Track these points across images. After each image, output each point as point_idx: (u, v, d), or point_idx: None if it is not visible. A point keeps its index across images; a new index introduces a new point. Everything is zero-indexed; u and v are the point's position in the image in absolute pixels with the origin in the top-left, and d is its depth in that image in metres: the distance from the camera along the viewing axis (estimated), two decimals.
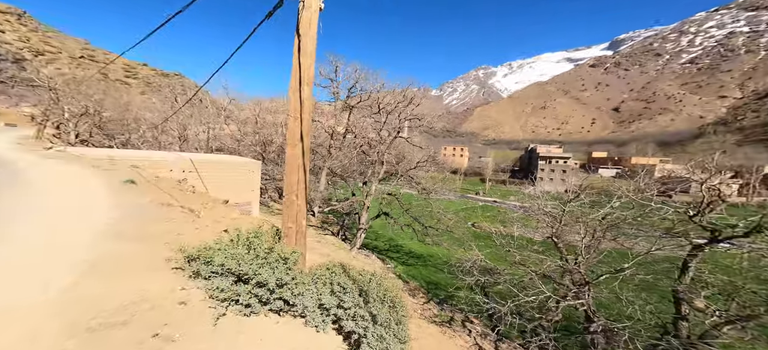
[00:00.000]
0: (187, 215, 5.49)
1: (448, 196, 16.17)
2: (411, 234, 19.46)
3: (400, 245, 22.96)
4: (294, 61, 3.84)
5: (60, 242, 2.86)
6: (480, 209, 35.32)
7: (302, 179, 3.99)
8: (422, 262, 19.37)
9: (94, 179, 6.29)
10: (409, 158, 18.31)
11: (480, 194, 57.92)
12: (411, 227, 17.33)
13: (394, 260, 18.76)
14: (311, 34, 3.83)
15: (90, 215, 3.83)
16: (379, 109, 17.96)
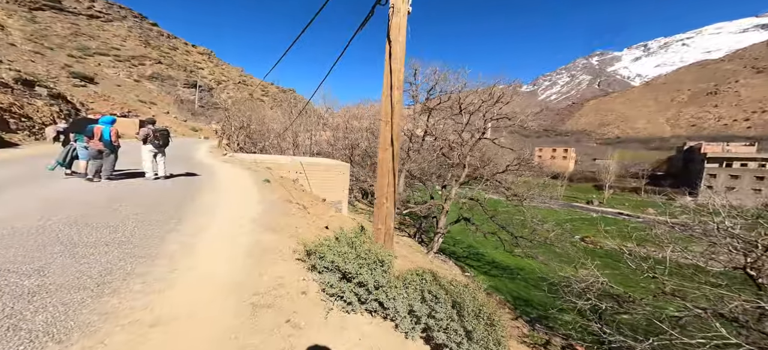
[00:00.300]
0: (300, 210, 6.89)
1: (547, 204, 13.59)
2: (495, 243, 17.50)
3: (482, 253, 21.10)
4: (385, 66, 4.00)
5: (234, 229, 4.18)
6: (594, 221, 27.83)
7: (392, 182, 4.23)
8: (508, 275, 17.18)
9: (247, 178, 8.79)
10: (496, 161, 16.43)
11: (594, 204, 45.85)
12: (496, 235, 15.59)
13: (474, 269, 17.43)
14: (400, 39, 3.93)
15: (247, 208, 5.41)
16: (461, 109, 16.94)
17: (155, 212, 4.27)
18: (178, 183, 6.60)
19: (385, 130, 4.15)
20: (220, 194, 6.12)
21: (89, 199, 4.49)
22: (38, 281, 2.15)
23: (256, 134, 24.77)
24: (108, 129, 5.68)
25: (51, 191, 4.73)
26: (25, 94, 16.83)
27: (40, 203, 4.00)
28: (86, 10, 50.83)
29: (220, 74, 66.87)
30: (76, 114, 18.76)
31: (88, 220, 3.55)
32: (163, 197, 5.10)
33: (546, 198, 13.32)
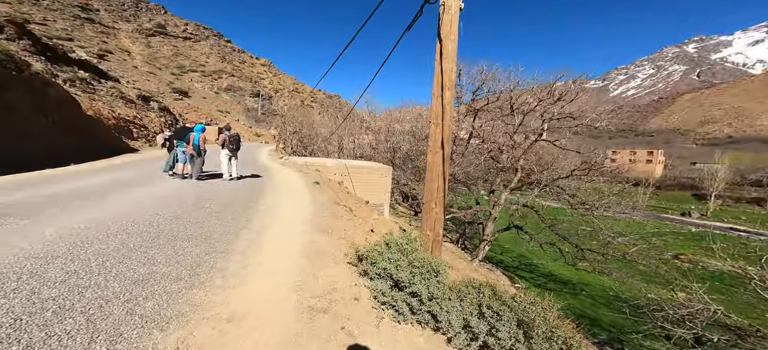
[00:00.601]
0: (347, 212, 7.14)
1: (627, 215, 11.42)
2: (554, 255, 15.45)
3: (536, 264, 18.95)
4: (436, 66, 3.88)
5: (291, 229, 4.50)
6: (694, 237, 22.26)
7: (441, 187, 4.03)
8: (569, 289, 15.06)
9: (300, 180, 9.52)
10: (557, 165, 14.47)
11: (692, 216, 36.94)
12: (556, 246, 13.74)
13: (525, 281, 15.71)
14: (452, 37, 3.75)
15: (301, 209, 5.81)
16: (512, 110, 15.43)
17: (230, 210, 4.87)
18: (246, 184, 7.47)
19: (436, 132, 4.01)
20: (278, 195, 6.72)
21: (184, 197, 5.39)
22: (149, 269, 2.60)
23: (307, 138, 26.91)
24: (198, 136, 6.78)
25: (159, 190, 5.84)
26: (143, 108, 21.60)
27: (153, 200, 4.95)
28: (182, 32, 62.75)
29: (277, 83, 74.89)
30: (177, 123, 23.22)
31: (184, 216, 4.22)
32: (235, 197, 5.81)
33: (627, 208, 11.11)
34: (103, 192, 5.21)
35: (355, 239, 4.99)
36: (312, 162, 14.97)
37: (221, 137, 7.39)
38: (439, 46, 3.87)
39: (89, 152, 10.65)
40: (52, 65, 16.14)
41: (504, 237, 19.93)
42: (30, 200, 4.24)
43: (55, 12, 40.35)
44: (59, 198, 4.51)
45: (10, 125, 7.74)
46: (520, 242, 19.62)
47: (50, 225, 3.29)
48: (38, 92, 9.40)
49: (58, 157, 8.73)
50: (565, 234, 13.41)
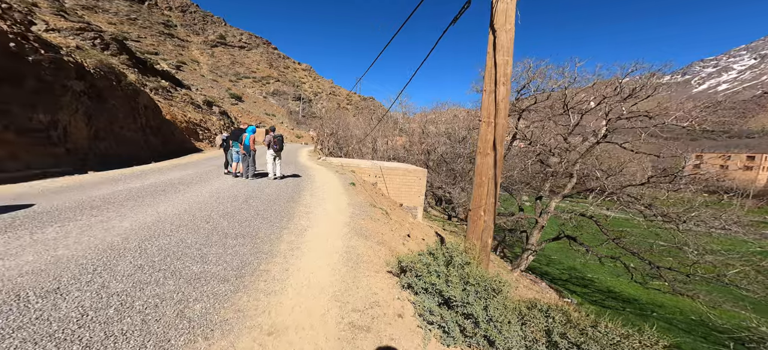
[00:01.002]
0: (383, 215, 6.94)
1: (727, 230, 9.17)
2: (615, 270, 13.25)
3: (591, 279, 16.61)
4: (488, 60, 3.51)
5: (329, 230, 4.42)
6: None
7: (492, 192, 3.58)
8: (635, 309, 12.97)
9: (337, 181, 9.64)
10: (628, 171, 12.35)
11: None
12: (621, 261, 11.82)
13: (576, 296, 13.75)
14: (508, 28, 3.36)
15: (338, 210, 5.76)
16: (566, 109, 13.60)
17: (273, 209, 5.00)
18: (288, 184, 7.76)
19: (487, 132, 3.60)
20: (316, 195, 6.82)
21: (235, 195, 5.75)
22: (201, 268, 2.66)
23: (342, 140, 27.76)
24: (248, 137, 7.28)
25: (215, 187, 6.35)
26: (207, 112, 24.64)
27: (209, 197, 5.37)
28: (238, 42, 70.37)
29: (316, 87, 79.19)
30: (232, 125, 25.98)
31: (234, 214, 4.44)
32: (278, 196, 6.02)
33: (729, 222, 8.83)
34: (172, 189, 5.83)
35: (393, 244, 4.74)
36: (347, 163, 15.21)
37: (267, 137, 7.80)
38: (491, 38, 3.50)
39: (166, 151, 12.42)
40: (143, 76, 19.33)
41: (552, 247, 17.88)
42: (116, 195, 4.88)
43: (145, 29, 48.71)
44: (138, 193, 5.14)
45: (111, 129, 9.32)
46: (571, 254, 17.38)
47: (128, 219, 3.68)
48: (130, 99, 11.21)
49: (144, 156, 10.30)
50: (633, 249, 11.38)
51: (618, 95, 12.20)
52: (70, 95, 7.60)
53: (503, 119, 3.58)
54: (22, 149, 5.85)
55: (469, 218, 3.82)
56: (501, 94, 3.52)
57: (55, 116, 6.93)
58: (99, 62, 9.96)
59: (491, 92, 3.56)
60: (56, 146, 6.71)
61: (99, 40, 17.94)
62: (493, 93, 3.53)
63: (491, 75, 3.56)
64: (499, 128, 3.55)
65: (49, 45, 7.52)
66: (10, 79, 5.95)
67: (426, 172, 15.65)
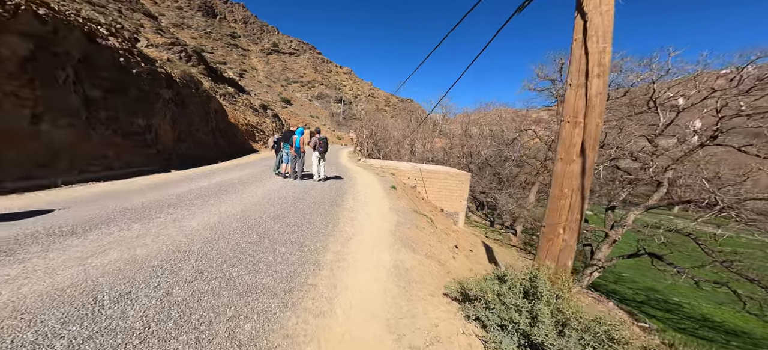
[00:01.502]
0: (428, 223, 6.46)
1: None
2: (714, 296, 10.37)
3: (676, 303, 13.57)
4: (574, 50, 2.83)
5: (375, 239, 4.15)
6: None
7: (577, 207, 2.84)
8: (747, 344, 10.06)
9: (377, 184, 9.44)
10: (756, 178, 9.55)
11: None
12: (728, 287, 9.26)
13: (656, 320, 11.19)
14: (604, 9, 2.67)
15: (382, 217, 5.48)
16: (653, 105, 11.09)
17: (318, 213, 4.95)
18: (331, 187, 7.82)
19: (572, 134, 2.91)
20: (359, 199, 6.67)
21: (285, 197, 5.93)
22: (253, 278, 2.60)
23: (380, 141, 27.88)
24: (298, 138, 7.52)
25: (268, 188, 6.69)
26: (262, 115, 27.31)
27: (262, 198, 5.62)
28: (289, 49, 76.76)
29: (356, 89, 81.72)
30: (283, 127, 28.30)
31: (283, 217, 4.48)
32: (323, 199, 6.02)
33: None
34: (232, 189, 6.30)
35: (442, 257, 4.27)
36: (386, 165, 14.99)
37: (313, 139, 7.83)
38: (579, 23, 2.82)
39: (230, 152, 14.01)
40: (215, 83, 22.32)
41: (622, 264, 14.99)
42: (189, 194, 5.41)
43: (217, 42, 56.59)
44: (206, 192, 5.64)
45: (190, 131, 10.80)
46: (651, 273, 14.41)
47: (196, 218, 3.96)
48: (205, 105, 12.87)
49: (212, 156, 11.73)
50: (751, 275, 8.79)
51: (736, 87, 9.43)
52: (161, 102, 8.94)
53: (597, 117, 2.83)
54: (125, 151, 7.02)
55: (542, 236, 3.14)
56: (595, 87, 2.78)
57: (149, 121, 8.21)
58: (183, 72, 11.64)
59: (579, 86, 2.86)
60: (149, 148, 7.94)
61: (184, 53, 21.28)
62: (583, 87, 2.81)
63: (580, 66, 2.85)
64: (591, 128, 2.81)
65: (147, 58, 8.98)
66: (120, 90, 7.19)
67: (469, 176, 14.52)
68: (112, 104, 6.85)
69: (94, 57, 6.63)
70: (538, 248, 3.16)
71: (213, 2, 65.49)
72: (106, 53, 7.04)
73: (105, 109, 6.62)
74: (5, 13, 4.80)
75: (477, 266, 5.22)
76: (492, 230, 19.62)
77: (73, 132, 5.79)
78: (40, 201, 4.14)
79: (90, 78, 6.38)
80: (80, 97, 6.07)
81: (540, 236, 3.17)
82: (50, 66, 5.54)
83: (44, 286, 2.05)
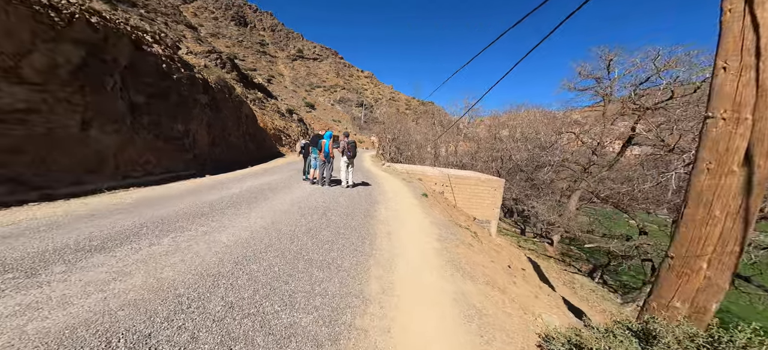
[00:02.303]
0: (473, 238, 5.70)
1: None
2: None
3: (763, 328, 10.92)
4: (728, 23, 2.01)
5: (422, 261, 3.53)
6: None
7: (735, 234, 1.98)
8: None
9: (407, 191, 8.80)
10: None
11: None
12: None
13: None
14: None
15: (422, 230, 4.85)
16: None
17: (351, 226, 4.44)
18: (361, 194, 7.34)
19: (730, 134, 2.03)
20: (391, 208, 6.10)
21: (315, 205, 5.54)
22: (290, 317, 2.10)
23: (403, 145, 27.24)
24: (327, 143, 7.12)
25: (297, 196, 6.36)
26: (289, 119, 28.04)
27: (291, 207, 5.26)
28: (312, 54, 79.22)
29: (377, 93, 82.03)
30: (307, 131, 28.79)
31: (316, 231, 4.03)
32: (353, 210, 5.52)
33: None
34: (262, 196, 6.06)
35: (503, 283, 3.54)
36: (412, 170, 14.30)
37: (341, 143, 7.37)
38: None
39: (259, 156, 14.28)
40: (246, 89, 23.29)
41: None
42: (221, 202, 5.20)
43: (248, 49, 59.98)
44: (237, 199, 5.42)
45: (223, 136, 11.04)
46: (727, 294, 12.05)
47: (226, 231, 3.64)
48: (237, 109, 13.21)
49: (243, 160, 11.94)
50: None
51: None
52: (198, 107, 9.14)
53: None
54: (165, 155, 7.15)
55: (668, 269, 2.32)
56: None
57: (187, 126, 8.38)
58: (218, 78, 12.02)
59: (747, 69, 1.96)
60: (187, 152, 8.08)
61: (219, 60, 22.49)
62: (752, 70, 1.94)
63: (743, 42, 1.99)
64: (762, 130, 1.93)
65: (187, 65, 9.27)
66: (162, 95, 7.37)
67: (503, 182, 13.37)
68: (154, 109, 7.01)
69: (139, 63, 6.83)
70: (658, 283, 2.34)
71: (244, 11, 69.77)
72: (150, 60, 7.24)
73: (148, 114, 6.77)
74: (61, 21, 4.97)
75: (541, 293, 4.39)
76: (524, 240, 18.02)
77: (119, 138, 5.91)
78: (82, 209, 4.09)
79: (135, 84, 6.55)
80: (126, 102, 6.22)
81: (661, 268, 2.36)
82: (99, 72, 5.70)
83: (54, 322, 1.72)
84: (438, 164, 24.44)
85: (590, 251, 16.80)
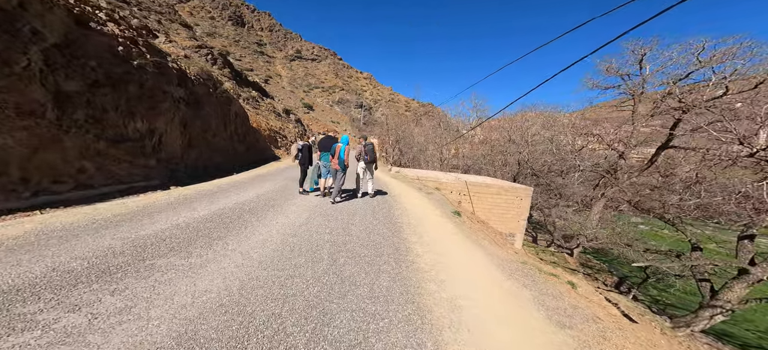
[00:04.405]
0: (568, 289, 3.95)
1: None
2: None
3: None
4: None
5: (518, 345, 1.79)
6: None
7: None
8: None
9: (430, 205, 7.02)
10: None
11: None
12: None
13: None
14: None
15: (491, 278, 3.12)
16: None
17: (380, 284, 2.66)
18: (377, 214, 5.55)
19: None
20: (425, 239, 4.35)
21: (317, 240, 3.74)
22: None
23: (405, 147, 25.62)
24: (344, 148, 5.44)
25: (290, 221, 4.56)
26: (285, 119, 26.16)
27: (281, 246, 3.45)
28: (311, 55, 77.39)
29: (377, 94, 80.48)
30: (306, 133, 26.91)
31: (320, 306, 2.25)
32: (375, 244, 3.76)
33: None
34: (240, 223, 4.26)
35: None
36: (424, 176, 12.57)
37: (358, 147, 6.03)
38: None
39: (249, 159, 12.46)
40: (239, 87, 21.40)
41: None
42: (174, 236, 3.40)
43: (245, 49, 57.98)
44: (194, 233, 3.61)
45: (204, 137, 9.18)
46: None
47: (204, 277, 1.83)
48: (223, 106, 11.36)
49: (228, 165, 10.10)
50: None
51: None
52: (170, 102, 7.30)
53: None
54: (112, 161, 5.30)
55: None
56: None
57: (152, 124, 6.54)
58: (200, 70, 10.17)
59: None
60: (148, 157, 6.23)
61: (210, 56, 20.60)
62: None
63: None
64: None
65: (157, 51, 7.44)
66: (112, 84, 5.53)
67: (531, 191, 11.74)
68: (98, 101, 5.17)
69: (81, 43, 5.01)
70: None
71: (242, 11, 67.79)
72: (98, 40, 5.43)
73: (87, 107, 4.93)
74: None
75: None
76: (542, 251, 16.46)
77: (31, 137, 4.07)
78: None
79: (69, 68, 4.72)
80: (49, 90, 4.39)
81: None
82: (5, 47, 3.87)
83: None
84: (445, 167, 22.81)
85: (618, 264, 15.32)
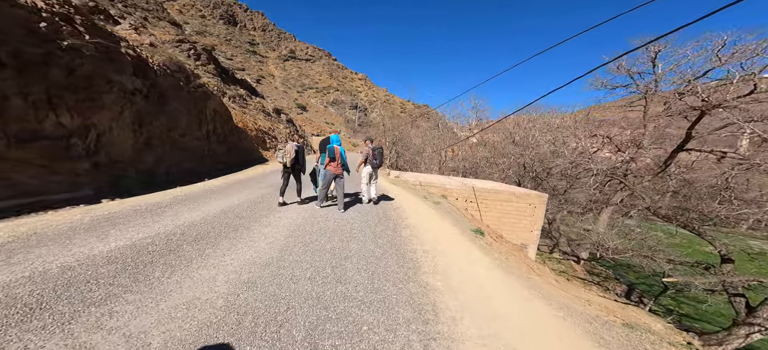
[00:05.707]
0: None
1: None
2: None
3: None
4: None
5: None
6: None
7: None
8: None
9: (440, 219, 5.76)
10: None
11: None
12: None
13: None
14: None
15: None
16: None
17: None
18: (381, 235, 4.21)
19: None
20: (452, 283, 3.04)
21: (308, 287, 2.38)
22: None
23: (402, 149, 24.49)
24: (342, 150, 4.65)
25: (258, 255, 3.17)
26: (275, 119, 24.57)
27: (226, 316, 2.08)
28: (305, 55, 75.71)
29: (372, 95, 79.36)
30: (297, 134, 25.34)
31: None
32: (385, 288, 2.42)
33: None
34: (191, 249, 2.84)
35: None
36: (427, 182, 11.32)
37: (365, 149, 5.66)
38: None
39: (230, 162, 10.96)
40: (225, 84, 19.75)
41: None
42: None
43: (236, 49, 55.95)
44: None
45: (168, 136, 7.66)
46: None
47: None
48: (198, 102, 9.84)
49: (202, 169, 8.61)
50: None
51: None
52: (117, 93, 5.81)
53: None
54: (15, 166, 3.81)
55: None
56: None
57: (87, 119, 5.04)
58: (168, 59, 8.66)
59: None
60: (78, 161, 4.73)
61: (193, 51, 18.91)
62: None
63: None
64: None
65: (101, 31, 5.94)
66: (21, 67, 4.05)
67: (546, 198, 10.61)
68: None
69: None
70: None
71: (234, 10, 65.68)
72: (8, 11, 3.96)
73: None
74: None
75: None
76: (550, 258, 15.50)
77: None
78: None
79: None
80: None
81: None
82: None
83: None
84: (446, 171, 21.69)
85: (623, 271, 14.52)
